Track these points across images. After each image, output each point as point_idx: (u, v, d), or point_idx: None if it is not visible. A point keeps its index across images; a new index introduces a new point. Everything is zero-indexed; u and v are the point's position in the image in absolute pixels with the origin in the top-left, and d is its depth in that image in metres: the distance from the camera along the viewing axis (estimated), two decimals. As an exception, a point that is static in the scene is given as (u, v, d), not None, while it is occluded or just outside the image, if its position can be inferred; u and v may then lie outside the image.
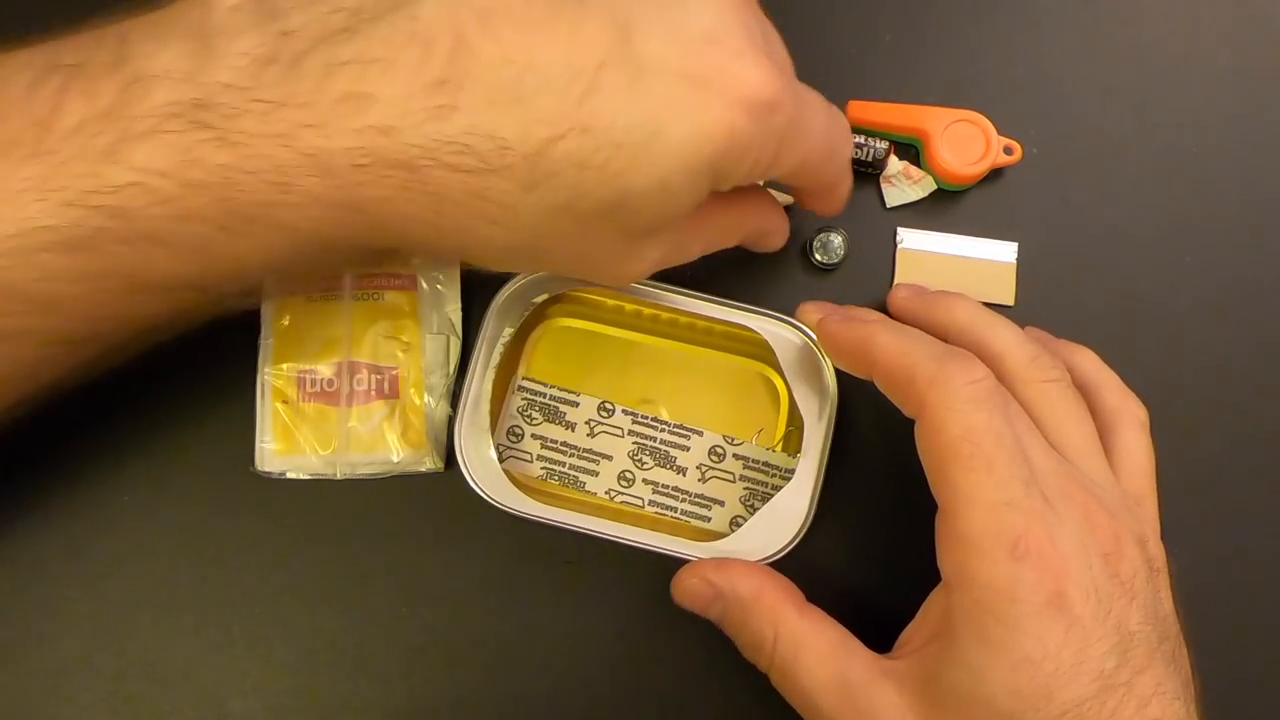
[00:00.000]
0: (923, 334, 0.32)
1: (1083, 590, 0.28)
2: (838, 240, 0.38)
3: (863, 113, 0.38)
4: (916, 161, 0.39)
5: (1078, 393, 0.33)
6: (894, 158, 0.39)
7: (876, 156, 0.38)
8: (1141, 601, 0.29)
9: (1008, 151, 0.38)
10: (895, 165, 0.39)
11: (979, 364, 0.30)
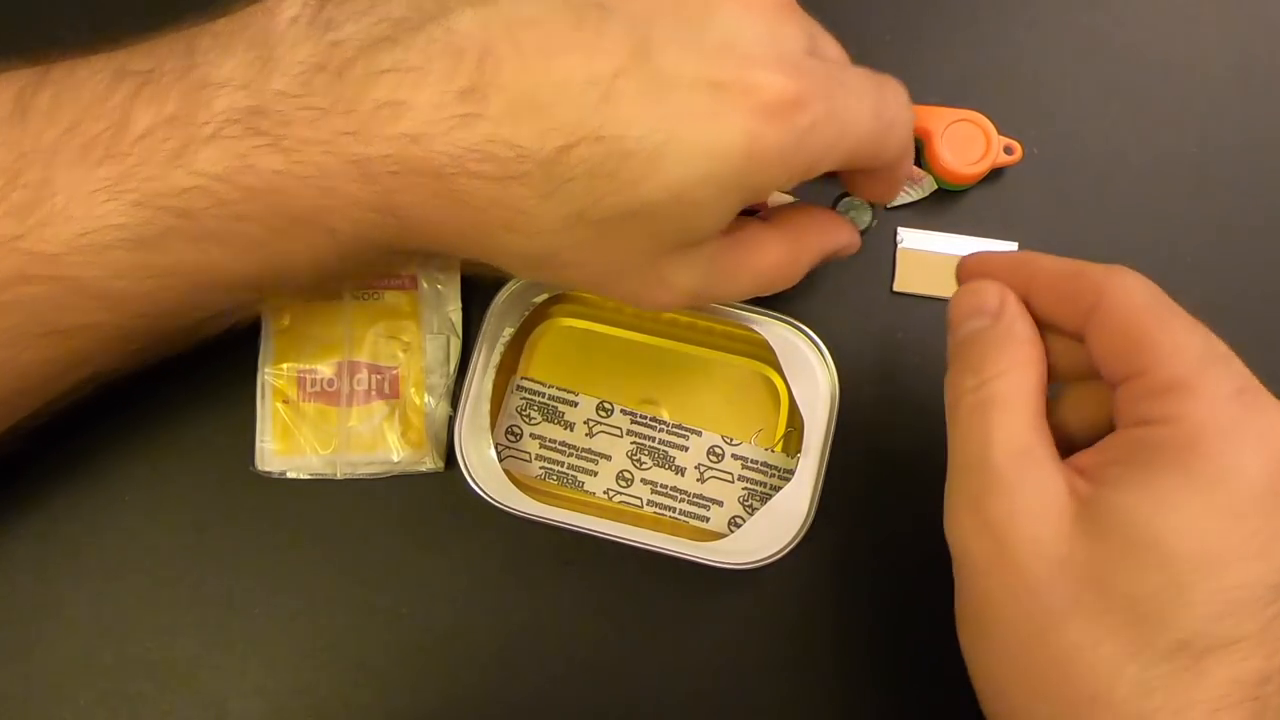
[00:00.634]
0: None
1: None
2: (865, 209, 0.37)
3: (862, 113, 0.38)
4: (917, 161, 0.39)
5: None
6: (894, 158, 0.39)
7: (876, 156, 0.38)
8: None
9: (1008, 151, 0.38)
10: (895, 165, 0.39)
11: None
